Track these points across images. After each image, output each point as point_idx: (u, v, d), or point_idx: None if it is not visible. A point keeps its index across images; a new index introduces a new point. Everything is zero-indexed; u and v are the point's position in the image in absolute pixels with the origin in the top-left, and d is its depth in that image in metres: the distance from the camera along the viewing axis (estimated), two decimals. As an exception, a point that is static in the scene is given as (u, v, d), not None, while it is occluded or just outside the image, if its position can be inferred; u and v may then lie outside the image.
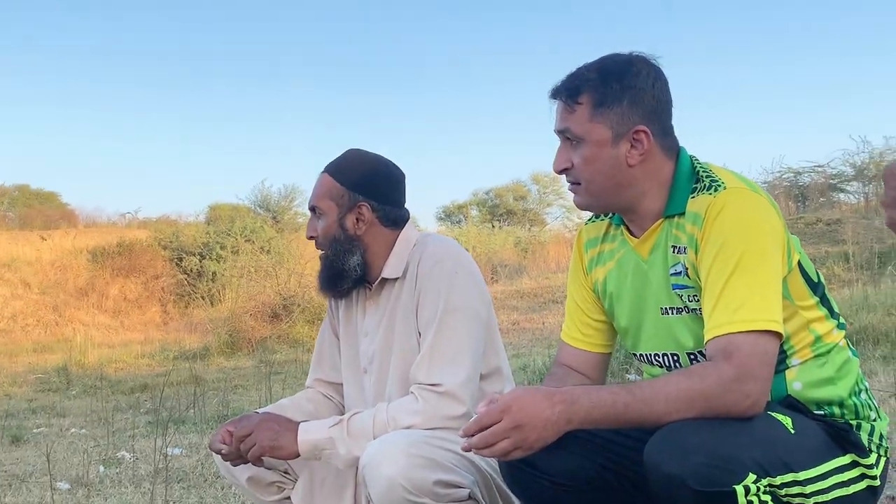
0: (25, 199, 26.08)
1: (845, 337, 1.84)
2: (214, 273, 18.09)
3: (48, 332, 17.27)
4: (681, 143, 1.85)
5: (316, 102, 41.56)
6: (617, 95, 1.76)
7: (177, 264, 20.06)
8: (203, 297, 17.52)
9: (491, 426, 1.57)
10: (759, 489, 1.52)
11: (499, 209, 25.83)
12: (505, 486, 1.98)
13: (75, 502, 3.86)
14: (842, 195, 15.58)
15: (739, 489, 1.50)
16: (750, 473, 1.51)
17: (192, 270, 19.49)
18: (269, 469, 2.33)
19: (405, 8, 40.47)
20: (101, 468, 4.61)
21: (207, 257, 19.18)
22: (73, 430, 6.21)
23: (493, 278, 13.98)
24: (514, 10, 39.83)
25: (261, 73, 41.03)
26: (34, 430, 6.24)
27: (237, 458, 2.17)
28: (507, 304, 11.55)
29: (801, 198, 15.75)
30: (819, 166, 15.64)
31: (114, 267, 19.96)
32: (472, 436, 1.59)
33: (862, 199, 14.64)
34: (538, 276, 13.74)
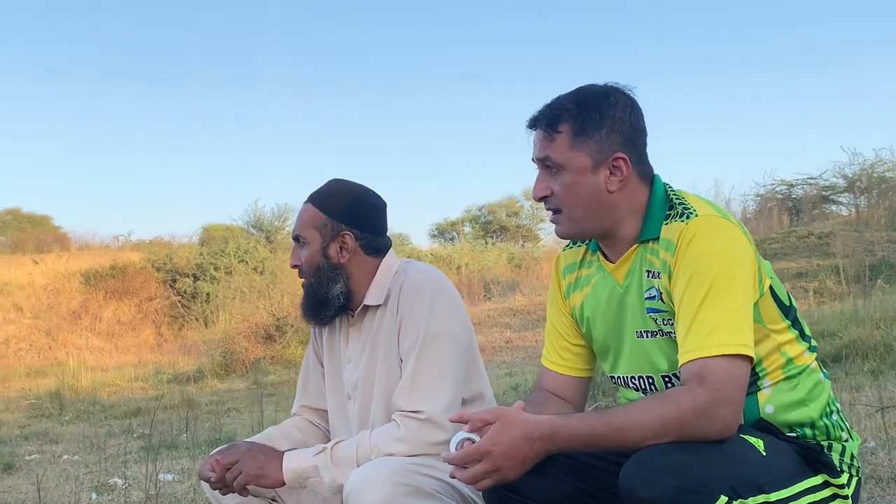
0: (17, 223, 26.04)
1: (817, 359, 1.88)
2: (208, 294, 18.09)
3: (41, 356, 17.20)
4: (662, 167, 1.90)
5: (307, 121, 41.64)
6: (596, 124, 1.81)
7: (171, 286, 20.04)
8: (197, 319, 17.51)
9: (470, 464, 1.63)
10: None
11: (492, 225, 25.88)
12: (486, 509, 2.01)
13: (66, 531, 3.86)
14: (833, 207, 15.66)
15: None
16: (722, 496, 1.55)
17: (185, 292, 19.49)
18: (257, 497, 2.35)
19: (398, 21, 40.66)
20: (94, 495, 4.60)
21: (201, 278, 19.18)
22: (65, 456, 6.19)
23: (486, 296, 13.99)
24: (510, 21, 39.97)
25: (252, 92, 41.09)
26: (26, 458, 6.22)
27: (224, 486, 2.20)
28: (500, 322, 11.56)
29: (794, 210, 15.80)
30: (811, 178, 15.70)
31: (107, 289, 19.92)
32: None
33: (853, 210, 14.72)
34: (531, 293, 13.74)
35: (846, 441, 1.83)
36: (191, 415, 7.05)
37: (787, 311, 1.83)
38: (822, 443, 1.80)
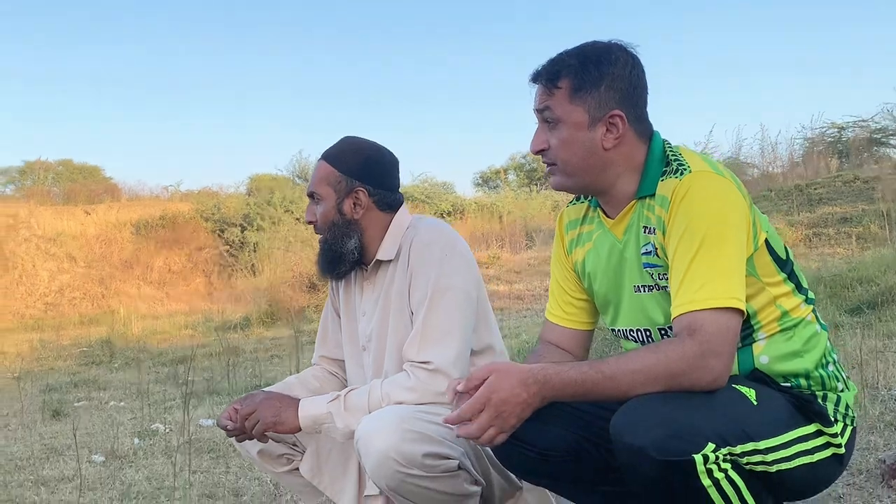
0: (69, 174, 26.51)
1: (814, 311, 1.90)
2: (256, 244, 18.32)
3: (95, 304, 17.66)
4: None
5: (351, 72, 41.58)
6: (595, 80, 1.83)
7: (219, 235, 20.34)
8: (245, 268, 17.79)
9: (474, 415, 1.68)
10: (718, 458, 1.59)
11: (536, 173, 25.65)
12: (494, 457, 2.07)
13: (108, 474, 4.03)
14: (884, 150, 15.30)
15: (698, 458, 1.58)
16: (709, 443, 1.59)
17: (234, 241, 19.77)
18: (278, 443, 2.45)
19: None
20: (136, 440, 4.79)
21: (248, 228, 19.43)
22: (112, 403, 6.41)
23: (528, 244, 13.99)
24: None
25: (297, 41, 41.12)
26: (75, 404, 6.45)
27: (242, 434, 2.29)
28: (542, 270, 11.53)
29: (843, 154, 15.48)
30: (862, 121, 15.35)
31: (157, 239, 20.29)
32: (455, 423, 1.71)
33: (903, 153, 14.40)
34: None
35: (841, 391, 1.86)
36: (234, 361, 7.22)
37: (784, 264, 1.85)
38: (817, 393, 1.83)
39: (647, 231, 1.84)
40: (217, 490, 3.57)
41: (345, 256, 2.38)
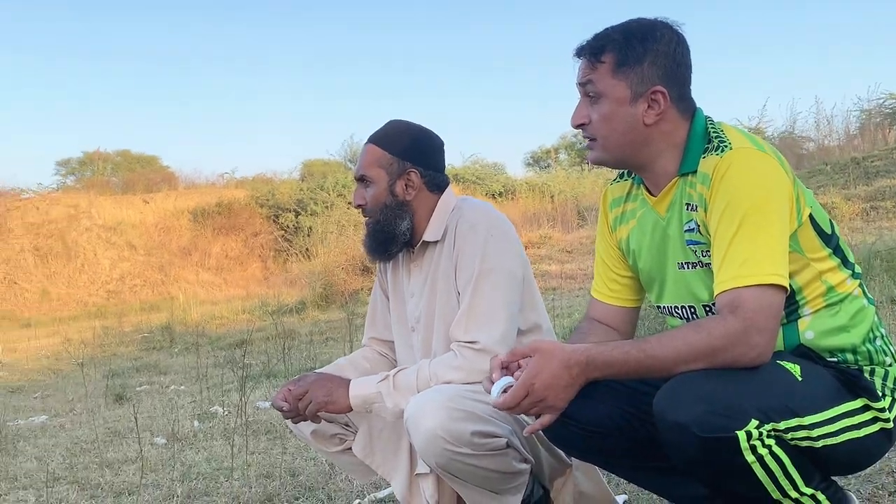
0: (128, 164, 27.05)
1: (860, 285, 1.88)
2: (310, 228, 18.50)
3: (154, 291, 18.03)
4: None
5: (401, 48, 41.60)
6: (638, 56, 1.83)
7: (274, 221, 20.60)
8: (299, 253, 17.98)
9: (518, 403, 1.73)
10: (762, 434, 1.60)
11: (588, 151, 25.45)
12: (542, 434, 2.10)
13: (169, 456, 4.15)
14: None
15: (741, 434, 1.59)
16: (752, 420, 1.59)
17: (288, 226, 20.01)
18: (331, 423, 2.50)
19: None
20: (196, 423, 4.92)
21: (302, 213, 19.63)
22: (172, 387, 6.58)
23: (580, 223, 13.92)
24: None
25: (350, 22, 41.24)
26: (137, 388, 6.63)
27: (296, 415, 2.35)
28: (593, 250, 11.43)
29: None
30: (921, 90, 14.91)
31: (214, 226, 20.63)
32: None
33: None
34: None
35: (890, 365, 1.84)
36: (289, 344, 7.34)
37: (829, 239, 1.83)
38: (864, 367, 1.81)
39: (689, 208, 1.85)
40: (274, 470, 3.65)
41: (397, 238, 2.41)
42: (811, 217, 1.81)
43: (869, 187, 10.27)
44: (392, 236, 2.41)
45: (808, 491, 1.68)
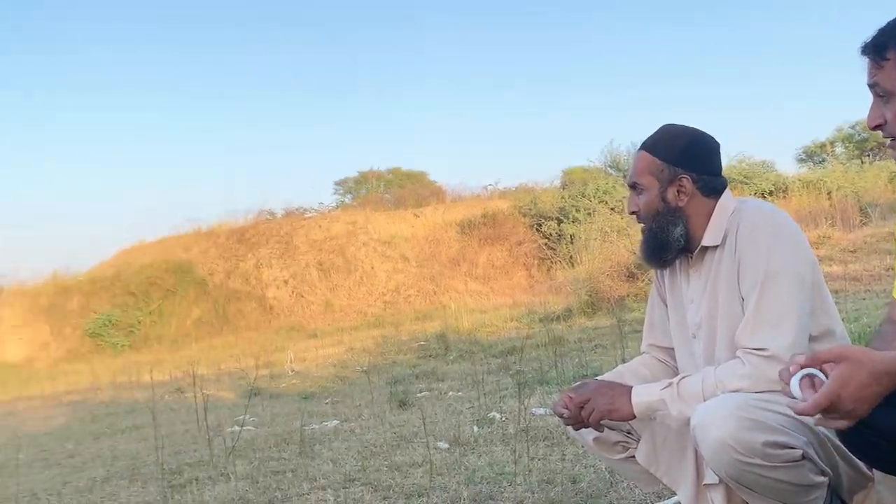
0: (398, 181, 28.51)
1: None
2: (572, 235, 18.55)
3: (427, 301, 18.83)
4: None
5: (661, 54, 40.80)
6: None
7: (537, 229, 20.87)
8: (563, 260, 18.10)
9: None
10: None
11: (868, 143, 23.64)
12: (841, 444, 1.99)
13: (453, 460, 4.31)
14: None
15: None
16: None
17: (551, 234, 20.20)
18: (612, 430, 2.51)
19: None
20: (475, 428, 5.08)
21: (564, 221, 19.74)
22: (450, 393, 6.83)
23: (862, 221, 12.97)
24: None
25: (605, 29, 41.02)
26: (417, 395, 6.95)
27: (578, 422, 2.38)
28: (880, 248, 10.65)
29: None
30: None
31: (480, 236, 21.25)
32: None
33: None
34: (917, 214, 12.52)
35: None
36: (559, 351, 7.40)
37: None
38: None
39: None
40: (555, 476, 3.70)
41: (670, 244, 2.39)
42: None
43: None
44: (665, 243, 2.39)
45: None
